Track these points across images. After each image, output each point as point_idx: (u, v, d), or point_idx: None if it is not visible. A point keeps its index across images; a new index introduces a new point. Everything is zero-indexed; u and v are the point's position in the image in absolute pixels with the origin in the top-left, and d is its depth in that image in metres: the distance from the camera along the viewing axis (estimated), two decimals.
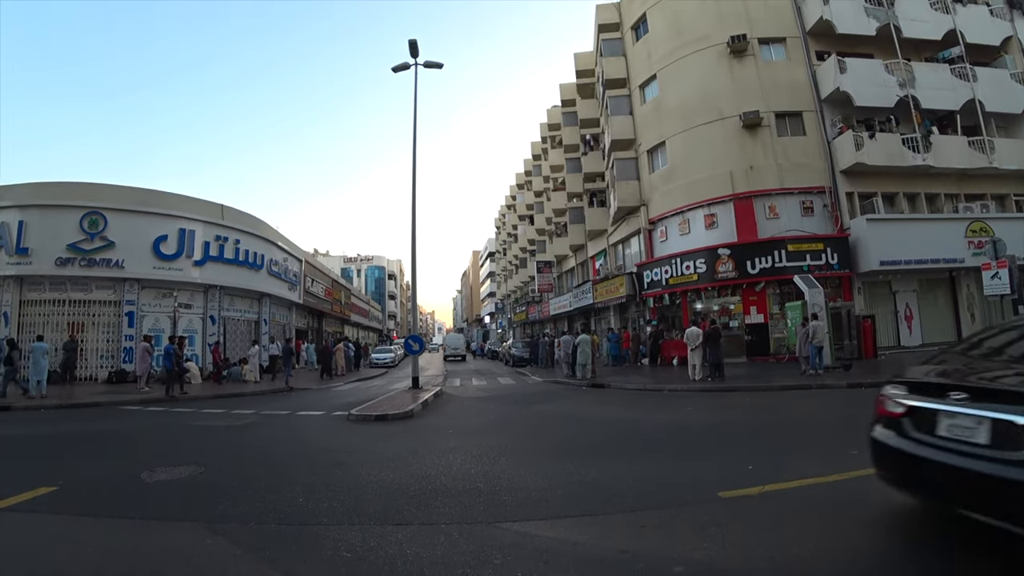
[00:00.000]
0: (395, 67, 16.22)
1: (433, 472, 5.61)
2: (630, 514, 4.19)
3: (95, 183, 19.45)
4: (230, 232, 21.55)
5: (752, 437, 7.20)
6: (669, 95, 22.19)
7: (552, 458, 6.21)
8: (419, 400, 11.63)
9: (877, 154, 18.63)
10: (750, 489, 4.56)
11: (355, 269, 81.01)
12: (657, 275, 21.52)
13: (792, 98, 20.02)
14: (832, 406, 9.47)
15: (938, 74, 19.89)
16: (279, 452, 7.21)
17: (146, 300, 19.21)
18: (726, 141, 20.15)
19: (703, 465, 5.67)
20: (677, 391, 12.69)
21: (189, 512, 4.43)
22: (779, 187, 19.43)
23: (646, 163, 23.31)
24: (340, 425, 9.30)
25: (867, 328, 16.97)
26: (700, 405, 10.44)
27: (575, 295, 31.47)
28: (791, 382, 12.40)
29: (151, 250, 18.87)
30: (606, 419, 9.38)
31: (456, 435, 8.00)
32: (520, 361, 26.26)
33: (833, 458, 5.52)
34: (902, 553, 3.22)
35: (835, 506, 4.15)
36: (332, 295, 36.66)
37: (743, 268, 18.70)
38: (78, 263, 17.87)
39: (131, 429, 9.33)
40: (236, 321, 22.93)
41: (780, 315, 18.36)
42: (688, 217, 21.09)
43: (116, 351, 18.47)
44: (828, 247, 18.40)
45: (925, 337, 18.89)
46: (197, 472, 5.77)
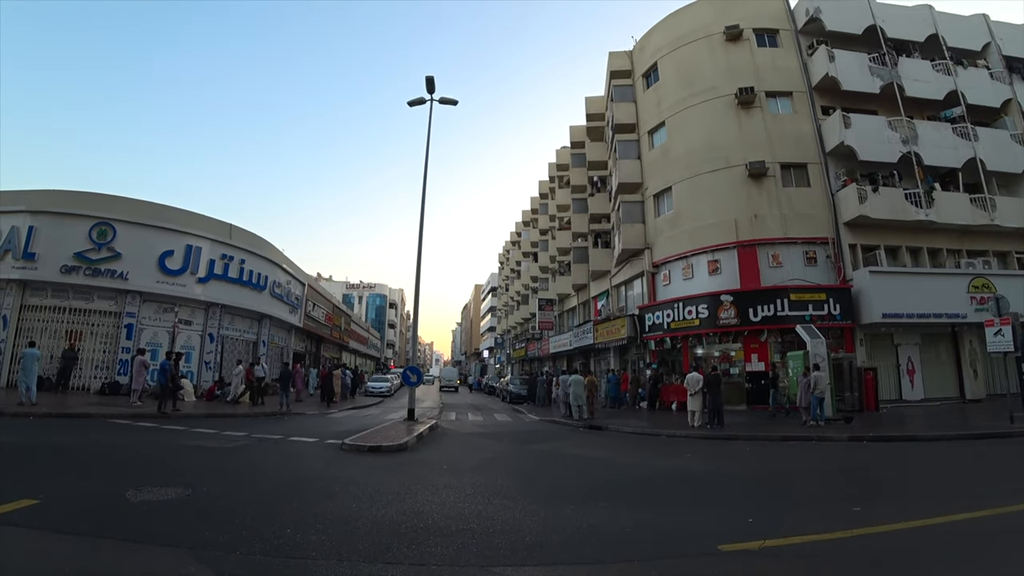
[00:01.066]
0: (411, 101, 16.57)
1: (426, 509, 5.47)
2: (626, 564, 4.08)
3: (107, 194, 19.66)
4: (236, 251, 21.66)
5: (752, 488, 7.07)
6: (677, 142, 22.58)
7: (548, 501, 6.07)
8: (414, 433, 11.45)
9: (880, 207, 18.82)
10: (750, 543, 4.44)
11: (357, 296, 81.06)
12: (659, 318, 21.47)
13: (797, 150, 20.36)
14: (833, 459, 9.31)
15: (940, 132, 20.27)
16: (269, 479, 7.06)
17: (146, 314, 19.16)
18: (732, 189, 20.41)
19: (702, 515, 5.54)
20: (676, 436, 12.50)
21: (173, 536, 4.30)
22: (783, 236, 19.57)
23: (652, 207, 23.54)
24: (333, 454, 9.13)
25: (869, 380, 16.79)
26: (699, 452, 10.27)
27: (576, 334, 31.34)
28: (792, 433, 12.22)
29: (156, 264, 18.94)
30: (603, 462, 9.22)
31: (450, 472, 7.84)
32: (517, 398, 25.98)
33: (835, 514, 5.40)
34: None
35: (839, 565, 4.04)
36: (332, 320, 36.59)
37: (745, 315, 18.66)
38: (83, 272, 17.90)
39: (120, 444, 9.15)
40: (235, 341, 22.82)
41: (781, 364, 18.22)
42: (692, 262, 21.18)
43: (112, 362, 18.32)
44: (831, 297, 18.39)
45: (927, 392, 18.67)
46: (184, 494, 5.63)
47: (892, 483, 7.44)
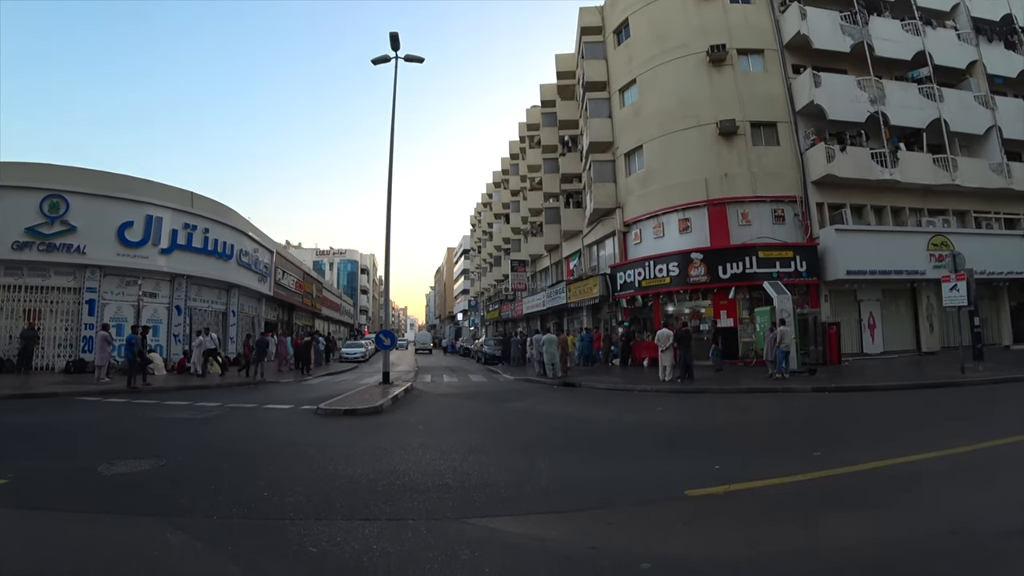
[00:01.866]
0: (375, 59, 16.03)
1: (402, 468, 5.56)
2: (598, 511, 4.22)
3: (57, 165, 18.66)
4: (199, 220, 20.97)
5: (719, 438, 7.33)
6: (648, 100, 22.41)
7: (522, 455, 6.21)
8: (389, 395, 11.51)
9: (847, 167, 19.14)
10: (716, 488, 4.64)
11: (327, 262, 79.80)
12: (630, 277, 21.72)
13: (768, 109, 20.43)
14: (797, 409, 9.69)
15: (907, 92, 20.56)
16: (244, 446, 7.06)
17: (108, 288, 18.54)
18: (702, 148, 20.45)
19: (671, 464, 5.75)
20: (647, 391, 12.83)
21: (148, 506, 4.30)
22: (752, 195, 19.81)
23: (623, 166, 23.50)
24: (308, 419, 9.15)
25: (832, 335, 17.42)
26: (669, 406, 10.58)
27: (548, 295, 31.55)
28: (758, 385, 12.65)
29: (115, 236, 18.21)
30: (576, 418, 9.43)
31: (426, 431, 7.95)
32: (492, 359, 26.21)
33: (796, 459, 5.66)
34: (855, 544, 3.30)
35: (797, 504, 4.26)
36: (303, 288, 36.06)
37: (715, 273, 19.01)
38: (36, 248, 17.11)
39: (90, 421, 9.02)
40: (203, 312, 22.35)
41: (750, 320, 18.70)
42: (663, 221, 21.34)
43: (75, 340, 17.77)
44: (797, 255, 18.83)
45: (887, 345, 19.54)
46: (158, 465, 5.61)
47: (850, 430, 7.83)
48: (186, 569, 3.09)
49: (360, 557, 3.23)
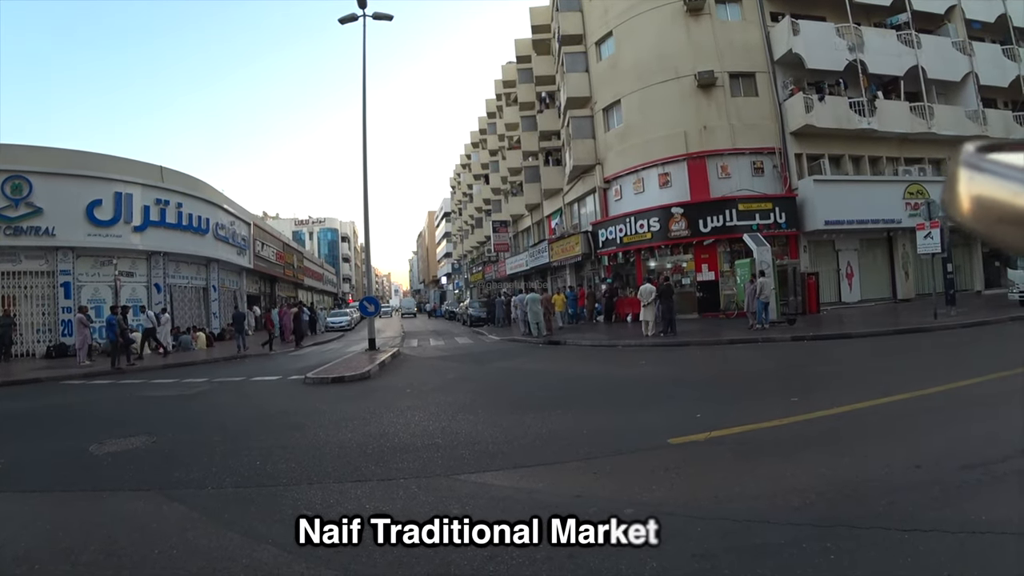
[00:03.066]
0: (342, 18, 15.47)
1: (391, 430, 5.66)
2: (584, 462, 4.36)
3: (16, 144, 17.94)
4: (171, 195, 20.47)
5: (701, 388, 7.54)
6: (625, 53, 21.99)
7: (509, 413, 6.35)
8: (376, 361, 11.59)
9: (825, 116, 19.11)
10: (697, 435, 4.81)
11: (307, 232, 78.58)
12: (612, 234, 21.78)
13: (746, 59, 20.17)
14: (776, 358, 9.97)
15: (885, 40, 20.36)
16: (234, 418, 7.12)
17: (83, 269, 18.15)
18: (681, 101, 20.24)
19: (654, 415, 5.92)
20: (631, 346, 13.07)
21: (143, 481, 4.35)
22: (731, 147, 19.77)
23: (601, 122, 23.23)
24: (296, 389, 9.22)
25: (811, 285, 17.76)
26: (653, 359, 10.81)
27: (531, 254, 31.58)
28: (739, 336, 12.94)
29: (84, 216, 17.74)
30: (562, 375, 9.61)
31: (414, 394, 8.06)
32: (477, 321, 26.40)
33: (775, 405, 5.86)
34: (828, 481, 3.47)
35: (774, 446, 4.44)
36: (284, 259, 35.65)
37: (695, 227, 19.12)
38: (2, 232, 16.60)
39: (76, 403, 8.99)
40: (183, 288, 22.06)
41: (730, 272, 18.98)
42: (643, 176, 21.28)
43: (54, 324, 17.50)
44: (777, 207, 18.98)
45: (864, 293, 19.97)
46: (149, 442, 5.64)
47: (827, 376, 8.10)
48: (185, 538, 3.16)
49: None
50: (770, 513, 3.06)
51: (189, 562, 2.83)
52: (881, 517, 2.89)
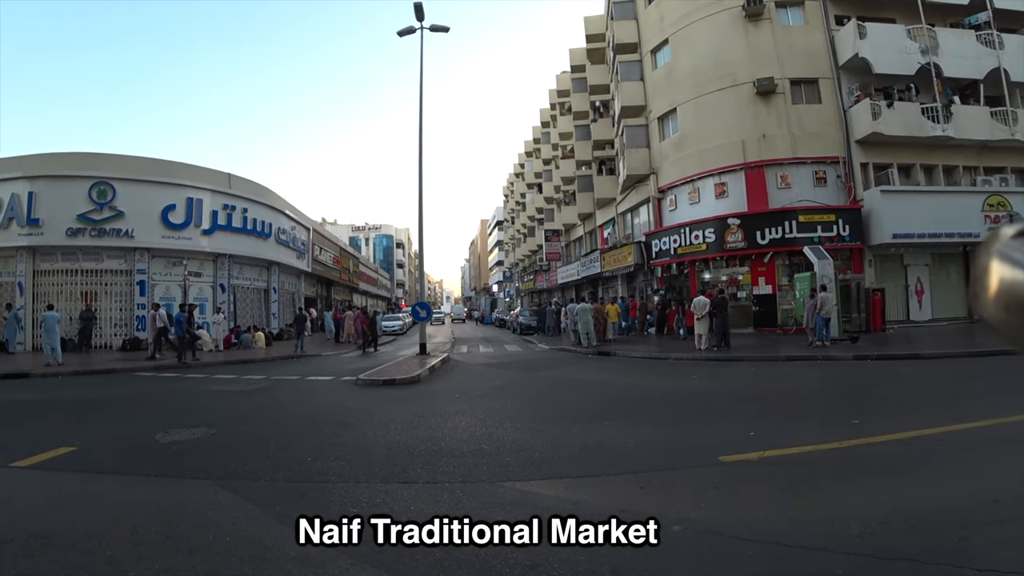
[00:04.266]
0: (400, 31, 15.94)
1: (438, 434, 5.73)
2: (631, 475, 4.27)
3: (102, 153, 19.51)
4: (237, 201, 21.57)
5: (755, 405, 7.26)
6: (681, 60, 21.63)
7: (556, 422, 6.31)
8: (426, 366, 11.77)
9: (895, 124, 18.15)
10: (750, 454, 4.62)
11: (363, 238, 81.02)
12: (666, 244, 21.38)
13: (809, 64, 19.43)
14: (836, 377, 9.50)
15: (962, 41, 19.15)
16: (288, 414, 7.38)
17: (156, 269, 19.39)
18: (739, 108, 19.71)
19: (705, 431, 5.74)
20: (683, 360, 12.74)
21: (202, 470, 4.57)
22: (792, 156, 19.06)
23: (656, 130, 22.90)
24: (348, 389, 9.46)
25: (876, 301, 16.78)
26: (705, 373, 10.51)
27: (583, 264, 31.38)
28: (797, 353, 12.39)
29: (160, 219, 18.97)
30: (610, 386, 9.47)
31: (462, 399, 8.13)
32: (527, 329, 26.42)
33: (834, 426, 5.57)
34: (891, 510, 3.26)
35: (833, 470, 4.21)
36: (340, 263, 36.81)
37: (752, 238, 18.52)
38: (88, 233, 18.03)
39: (145, 394, 9.55)
40: (246, 289, 23.14)
41: (789, 286, 18.24)
42: (698, 186, 20.81)
43: (129, 320, 18.77)
44: (840, 218, 18.13)
45: (935, 312, 18.66)
46: (209, 433, 5.93)
47: (893, 398, 7.58)
48: (238, 527, 3.29)
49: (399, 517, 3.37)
50: (827, 541, 2.88)
51: (241, 550, 2.94)
52: (952, 554, 2.67)
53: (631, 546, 2.89)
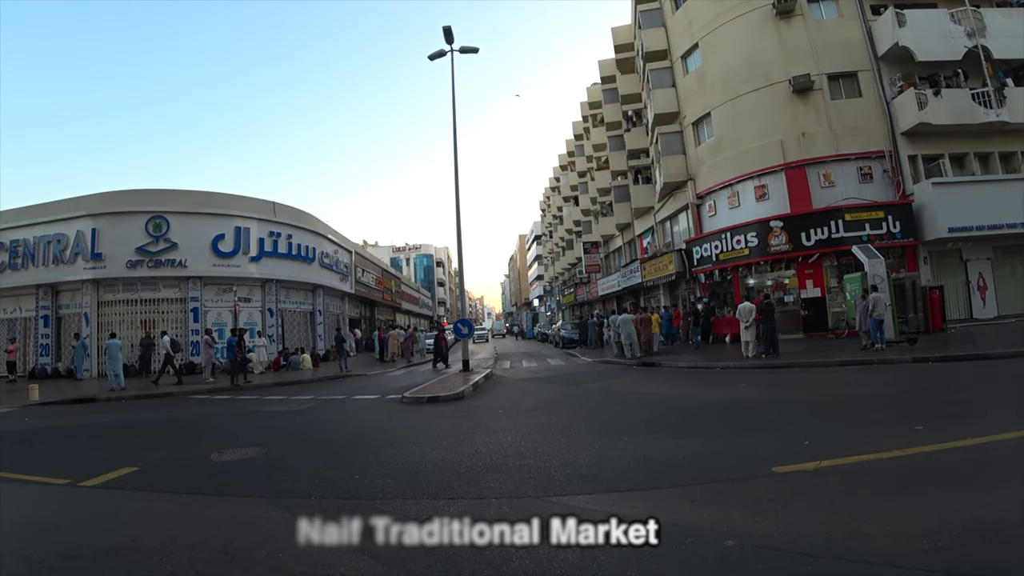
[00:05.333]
0: (431, 55, 16.30)
1: (484, 450, 5.72)
2: (681, 489, 4.16)
3: (156, 189, 20.61)
4: (282, 228, 22.36)
5: (808, 413, 6.98)
6: (713, 64, 21.36)
7: (602, 435, 6.22)
8: (470, 382, 11.81)
9: (943, 112, 17.38)
10: (806, 464, 4.44)
11: (404, 258, 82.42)
12: (707, 251, 20.97)
13: (846, 58, 18.87)
14: (895, 382, 9.02)
15: (1012, 20, 18.23)
16: (336, 433, 7.53)
17: (208, 296, 20.26)
18: (775, 108, 19.27)
19: (756, 441, 5.54)
20: (730, 368, 12.40)
21: (255, 488, 4.71)
22: (834, 153, 18.46)
23: (691, 136, 22.61)
24: (394, 407, 9.58)
25: (935, 300, 15.92)
26: (753, 382, 10.18)
27: (623, 274, 31.09)
28: (851, 357, 11.86)
29: (210, 249, 19.87)
30: (656, 397, 9.29)
31: (507, 415, 8.10)
32: (570, 343, 26.26)
33: (895, 433, 5.30)
34: (963, 524, 3.06)
35: (896, 480, 3.99)
36: (383, 284, 37.55)
37: (797, 240, 17.96)
38: (146, 264, 19.08)
39: (201, 416, 9.93)
40: (293, 312, 23.85)
41: (838, 288, 17.56)
42: (737, 190, 20.38)
43: (185, 345, 19.60)
44: (889, 215, 17.40)
45: (1001, 309, 17.57)
46: (261, 452, 6.11)
47: (958, 402, 7.14)
48: (290, 543, 3.34)
49: None
50: (892, 555, 2.72)
51: (294, 567, 3.01)
52: None
53: (684, 560, 2.82)
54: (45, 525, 4.08)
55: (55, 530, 3.95)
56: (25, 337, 20.45)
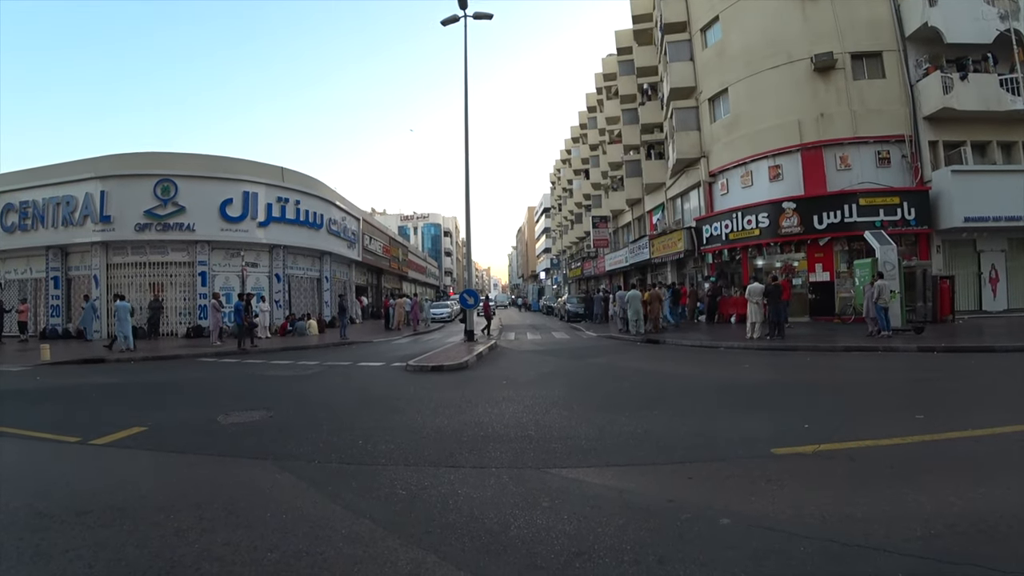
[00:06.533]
0: (444, 20, 16.01)
1: (486, 420, 5.80)
2: (679, 465, 4.21)
3: (165, 152, 20.62)
4: (290, 193, 22.30)
5: (810, 397, 6.99)
6: (733, 38, 20.82)
7: (603, 410, 6.26)
8: (474, 352, 11.91)
9: (969, 98, 16.90)
10: (804, 447, 4.47)
11: (412, 227, 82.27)
12: (717, 230, 20.79)
13: (871, 37, 18.30)
14: (899, 370, 9.00)
15: None
16: (341, 399, 7.63)
17: (216, 260, 20.36)
18: (795, 87, 18.83)
19: (757, 422, 5.56)
20: (734, 348, 12.41)
21: (260, 451, 4.79)
22: (852, 136, 18.08)
23: (707, 112, 22.19)
24: (398, 375, 9.68)
25: (945, 290, 15.71)
26: (757, 363, 10.20)
27: (631, 250, 30.94)
28: (856, 343, 11.82)
29: (218, 213, 19.87)
30: (659, 374, 9.33)
31: (509, 386, 8.18)
32: (575, 317, 26.33)
33: (896, 421, 5.30)
34: (958, 512, 3.08)
35: (894, 467, 4.00)
36: (390, 252, 37.56)
37: (809, 223, 17.75)
38: (154, 228, 19.13)
39: (208, 378, 10.06)
40: (300, 279, 23.96)
41: (848, 273, 17.42)
42: (751, 169, 20.07)
43: (192, 308, 19.85)
44: (905, 201, 17.12)
45: (1012, 302, 17.35)
46: (267, 416, 6.20)
47: (961, 393, 7.12)
48: (295, 505, 3.44)
49: (446, 500, 3.45)
50: (886, 541, 2.74)
51: (296, 527, 3.07)
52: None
53: (679, 536, 2.86)
54: (56, 482, 4.18)
55: (66, 487, 4.04)
56: (36, 298, 20.69)
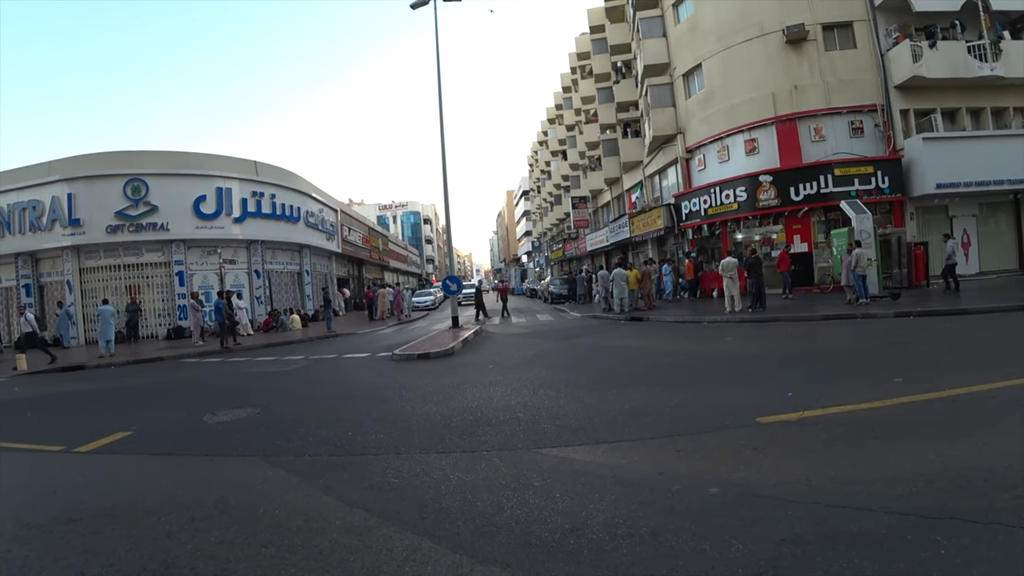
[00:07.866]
0: (413, 3, 15.69)
1: (474, 404, 5.82)
2: (667, 439, 4.27)
3: (133, 151, 20.00)
4: (265, 187, 21.89)
5: (792, 366, 7.12)
6: (705, 12, 20.76)
7: (591, 389, 6.32)
8: (459, 338, 11.90)
9: (938, 65, 17.11)
10: (789, 415, 4.55)
11: (391, 216, 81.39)
12: (695, 205, 20.93)
13: (842, 7, 18.37)
14: (878, 336, 9.19)
15: None
16: (328, 392, 7.58)
17: (193, 259, 19.98)
18: (768, 59, 18.89)
19: (741, 393, 5.66)
20: (716, 322, 12.56)
21: (248, 448, 4.76)
22: (826, 107, 18.25)
23: (682, 88, 22.19)
24: (384, 365, 9.65)
25: (919, 256, 16.08)
26: (739, 336, 10.34)
27: (612, 230, 31.03)
28: (835, 312, 12.03)
29: (192, 211, 19.46)
30: (644, 351, 9.42)
31: (496, 370, 8.20)
32: (558, 298, 26.40)
33: (876, 385, 5.42)
34: (937, 470, 3.17)
35: (875, 430, 4.10)
36: (370, 243, 37.21)
37: (786, 195, 17.94)
38: (127, 229, 18.66)
39: (192, 379, 9.93)
40: (280, 273, 23.65)
41: (826, 243, 17.68)
42: (727, 144, 20.18)
43: (172, 309, 19.51)
44: (879, 170, 17.38)
45: (983, 265, 17.82)
46: (254, 413, 6.15)
47: (937, 355, 7.30)
48: (286, 499, 3.42)
49: (438, 486, 3.47)
50: (869, 500, 2.83)
51: (290, 521, 3.07)
52: (1004, 512, 2.58)
53: (670, 507, 2.91)
54: (42, 491, 4.12)
55: (52, 495, 3.98)
56: (8, 307, 20.12)
